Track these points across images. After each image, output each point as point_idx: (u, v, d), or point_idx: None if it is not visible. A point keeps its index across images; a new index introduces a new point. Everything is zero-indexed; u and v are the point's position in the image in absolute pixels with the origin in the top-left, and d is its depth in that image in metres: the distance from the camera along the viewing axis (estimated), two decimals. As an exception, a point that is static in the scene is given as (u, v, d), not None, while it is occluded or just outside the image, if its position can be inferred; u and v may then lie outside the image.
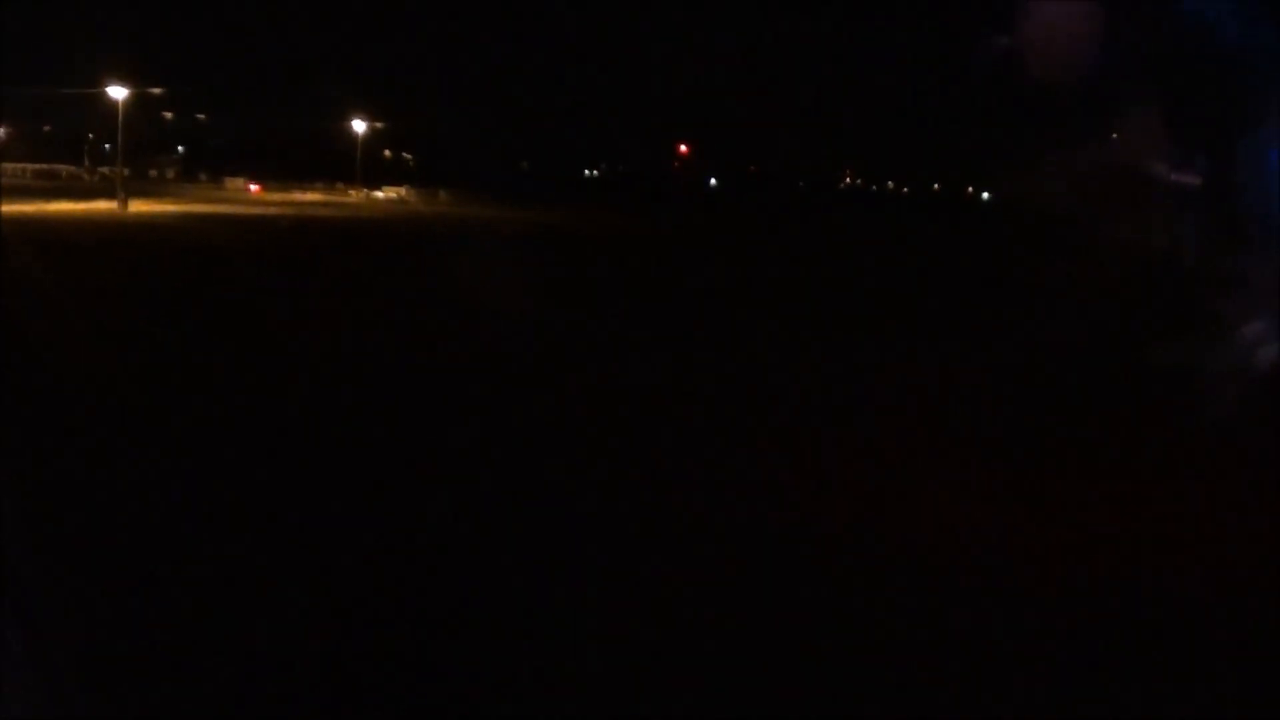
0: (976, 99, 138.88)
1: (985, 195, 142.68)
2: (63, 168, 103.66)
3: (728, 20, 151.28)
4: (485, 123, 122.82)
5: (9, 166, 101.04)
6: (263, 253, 42.36)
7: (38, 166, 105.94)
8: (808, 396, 17.39)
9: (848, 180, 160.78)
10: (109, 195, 70.30)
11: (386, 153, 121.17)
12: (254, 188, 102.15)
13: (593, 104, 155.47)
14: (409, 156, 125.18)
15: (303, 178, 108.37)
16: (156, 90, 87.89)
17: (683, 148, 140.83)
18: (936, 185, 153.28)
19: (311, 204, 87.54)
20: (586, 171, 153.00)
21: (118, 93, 77.64)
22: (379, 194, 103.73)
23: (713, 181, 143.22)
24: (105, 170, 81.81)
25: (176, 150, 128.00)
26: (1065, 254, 38.53)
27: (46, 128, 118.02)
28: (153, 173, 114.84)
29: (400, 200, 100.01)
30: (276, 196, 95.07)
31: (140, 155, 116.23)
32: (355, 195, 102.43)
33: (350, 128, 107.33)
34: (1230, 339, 19.34)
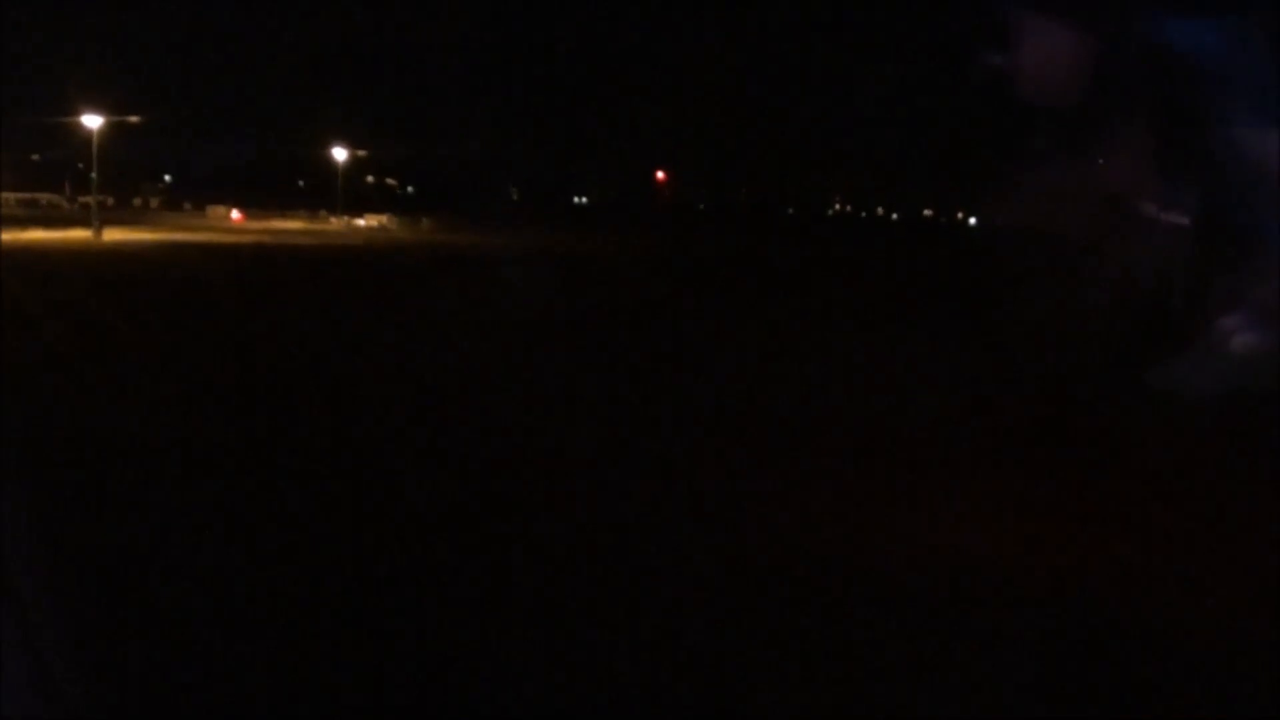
0: (966, 123, 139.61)
1: (972, 221, 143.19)
2: (44, 196, 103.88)
3: (717, 45, 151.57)
4: (472, 150, 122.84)
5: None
6: (208, 279, 42.49)
7: (20, 195, 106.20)
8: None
9: (837, 206, 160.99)
10: (87, 223, 70.51)
11: (369, 178, 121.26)
12: (236, 216, 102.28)
13: (581, 131, 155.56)
14: (392, 182, 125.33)
15: (286, 206, 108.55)
16: (134, 119, 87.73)
17: (660, 175, 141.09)
18: (928, 211, 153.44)
19: (290, 232, 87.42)
20: (576, 199, 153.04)
21: (92, 121, 77.94)
22: (360, 222, 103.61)
23: (700, 207, 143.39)
24: (85, 199, 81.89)
25: (162, 179, 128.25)
26: (1052, 279, 38.49)
27: (35, 157, 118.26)
28: (136, 201, 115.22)
29: (381, 228, 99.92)
30: (257, 225, 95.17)
31: (125, 184, 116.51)
32: (336, 223, 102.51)
33: (332, 155, 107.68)
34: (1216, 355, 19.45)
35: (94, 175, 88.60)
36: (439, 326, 29.18)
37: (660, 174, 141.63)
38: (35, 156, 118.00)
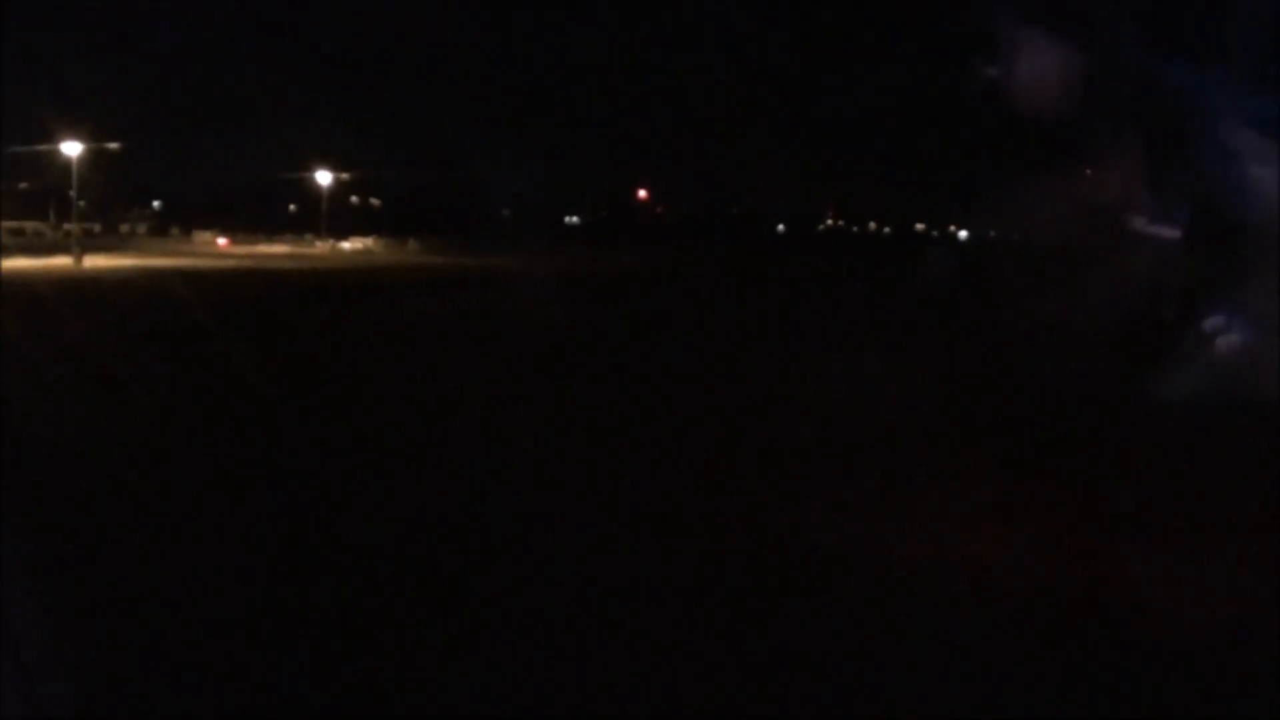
0: (958, 136, 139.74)
1: (963, 234, 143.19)
2: (29, 224, 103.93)
3: (706, 61, 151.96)
4: (460, 171, 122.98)
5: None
6: (177, 302, 42.90)
7: (7, 224, 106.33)
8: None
9: (830, 220, 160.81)
10: (70, 251, 70.87)
11: (354, 198, 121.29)
12: (222, 241, 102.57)
13: (571, 149, 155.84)
14: (376, 202, 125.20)
15: (272, 230, 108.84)
16: (114, 145, 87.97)
17: (642, 193, 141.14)
18: (920, 225, 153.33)
19: (273, 256, 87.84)
20: (567, 218, 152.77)
21: (71, 149, 78.34)
22: (345, 245, 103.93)
23: (691, 224, 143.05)
24: (69, 226, 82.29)
25: (150, 205, 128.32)
26: (1045, 290, 38.56)
27: (23, 185, 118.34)
28: (124, 228, 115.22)
29: (366, 251, 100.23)
30: (241, 249, 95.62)
31: (112, 211, 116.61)
32: (321, 247, 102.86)
33: (318, 179, 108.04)
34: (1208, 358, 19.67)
35: (82, 203, 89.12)
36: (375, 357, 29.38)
37: (642, 192, 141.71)
38: (23, 185, 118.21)
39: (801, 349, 29.30)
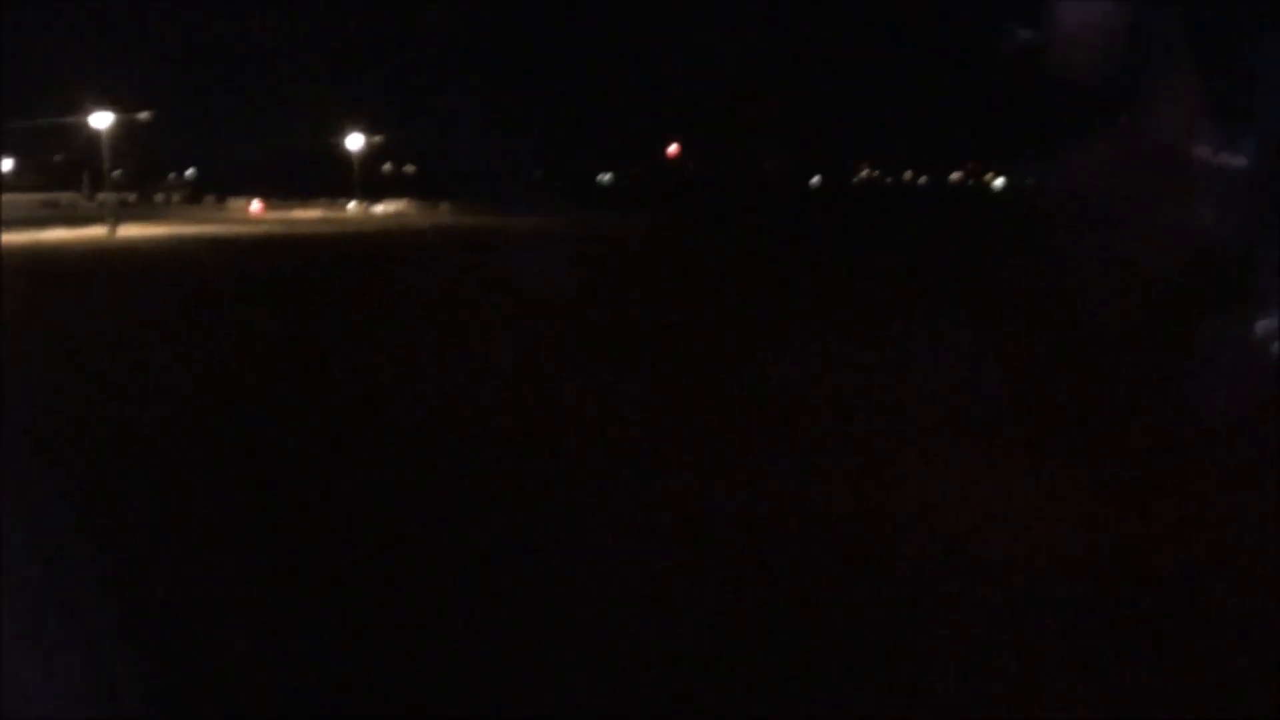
0: (996, 79, 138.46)
1: (999, 182, 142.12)
2: (64, 196, 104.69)
3: (737, 11, 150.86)
4: (490, 133, 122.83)
5: (12, 197, 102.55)
6: (196, 267, 43.65)
7: (42, 196, 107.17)
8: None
9: (865, 173, 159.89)
10: (104, 221, 71.47)
11: (387, 166, 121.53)
12: (256, 207, 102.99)
13: (602, 107, 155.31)
14: (411, 168, 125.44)
15: (306, 195, 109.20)
16: (145, 115, 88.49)
17: (673, 148, 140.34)
18: (956, 174, 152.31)
19: (306, 221, 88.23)
20: (600, 177, 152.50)
21: (101, 120, 78.84)
22: (378, 208, 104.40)
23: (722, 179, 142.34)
24: (102, 196, 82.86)
25: (184, 174, 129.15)
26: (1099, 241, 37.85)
27: (57, 157, 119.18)
28: (158, 197, 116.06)
29: (399, 214, 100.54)
30: (275, 215, 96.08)
31: (147, 180, 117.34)
32: (354, 210, 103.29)
33: (349, 144, 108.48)
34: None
35: (116, 173, 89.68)
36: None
37: (673, 147, 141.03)
38: (58, 157, 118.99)
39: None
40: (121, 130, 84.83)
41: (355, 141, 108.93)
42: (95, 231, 67.04)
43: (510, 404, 17.20)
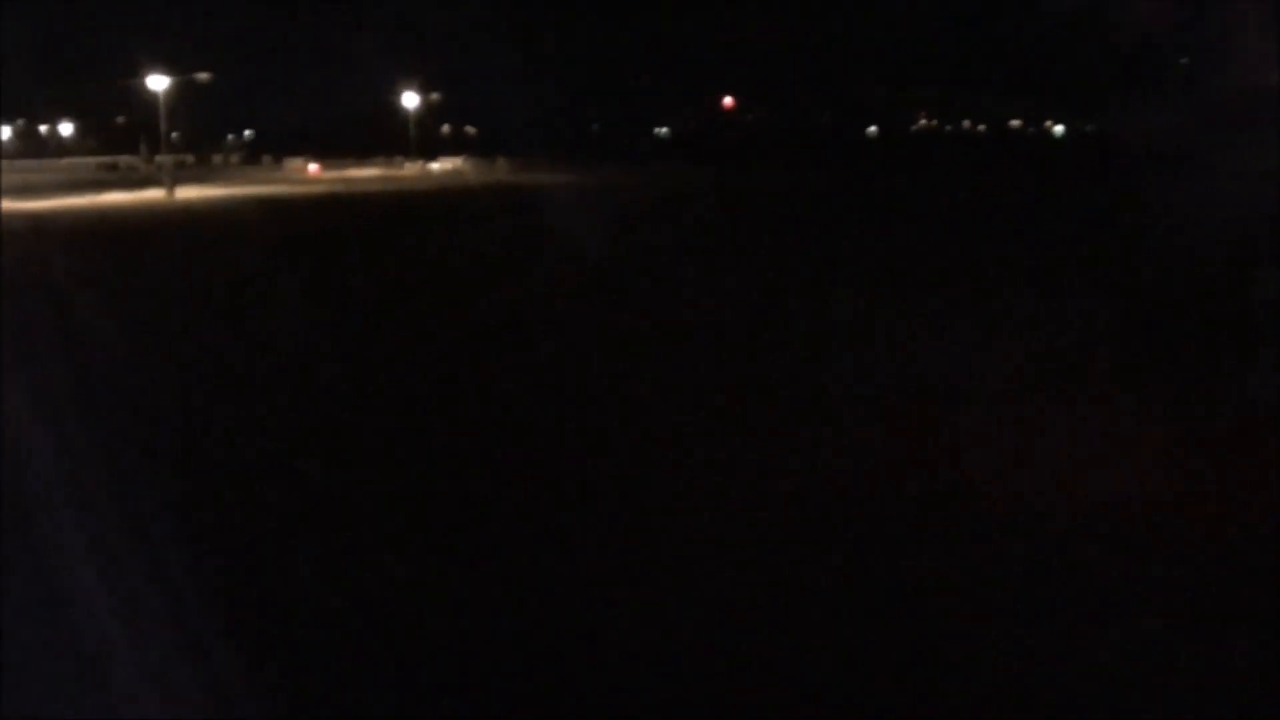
0: (1053, 28, 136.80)
1: (1058, 129, 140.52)
2: (123, 159, 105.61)
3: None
4: (547, 88, 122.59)
5: (72, 161, 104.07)
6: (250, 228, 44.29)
7: (101, 160, 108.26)
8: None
9: (923, 121, 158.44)
10: (162, 183, 71.90)
11: (446, 127, 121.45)
12: (313, 167, 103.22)
13: (659, 59, 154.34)
14: (472, 130, 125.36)
15: (363, 154, 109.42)
16: (204, 76, 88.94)
17: (727, 100, 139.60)
18: (1015, 121, 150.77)
19: (362, 180, 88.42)
20: (657, 130, 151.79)
21: (159, 83, 79.18)
22: (434, 166, 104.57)
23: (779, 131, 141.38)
24: (161, 159, 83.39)
25: (242, 135, 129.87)
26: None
27: (119, 119, 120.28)
28: (217, 158, 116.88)
29: (456, 171, 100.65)
30: (331, 174, 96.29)
31: (206, 141, 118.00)
32: (410, 169, 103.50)
33: (405, 102, 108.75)
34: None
35: (174, 135, 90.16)
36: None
37: (728, 99, 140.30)
38: (120, 119, 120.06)
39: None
40: (180, 92, 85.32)
41: (411, 100, 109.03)
42: (153, 194, 67.39)
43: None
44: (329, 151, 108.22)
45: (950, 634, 7.88)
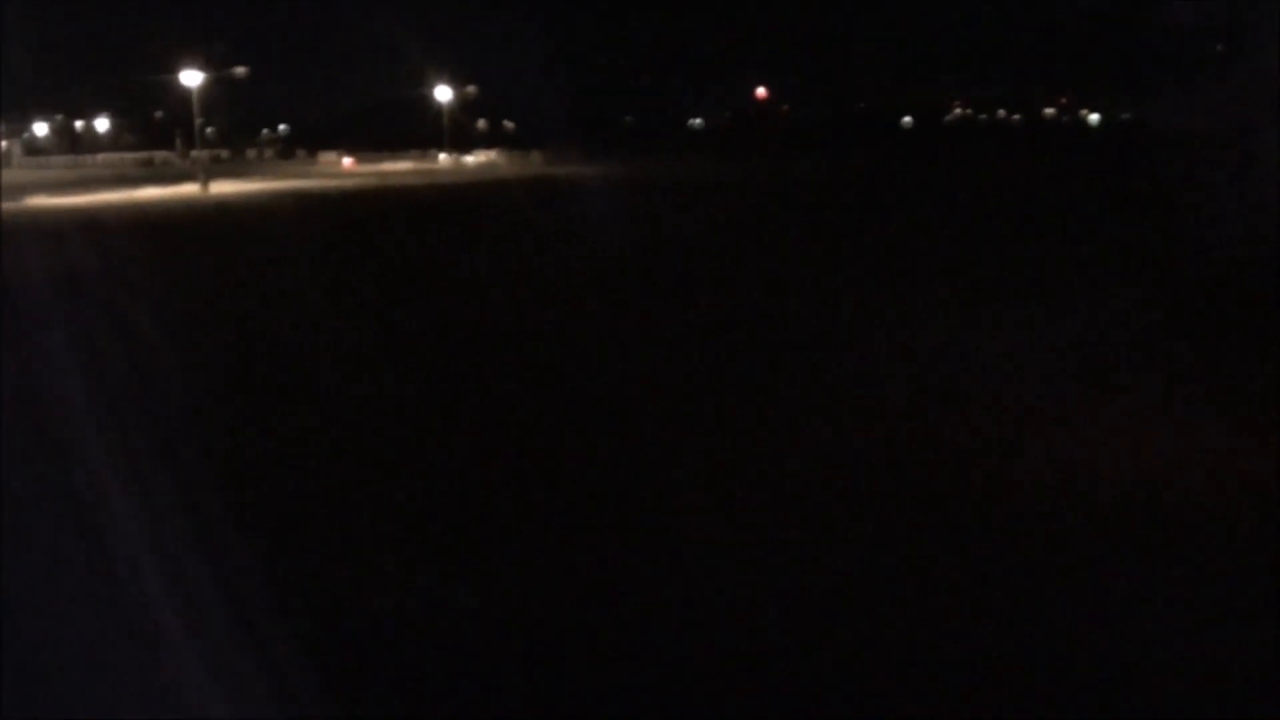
0: (1087, 18, 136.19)
1: (1094, 118, 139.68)
2: (159, 154, 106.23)
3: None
4: (581, 81, 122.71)
5: (109, 157, 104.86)
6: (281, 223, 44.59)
7: (137, 155, 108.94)
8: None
9: (957, 110, 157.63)
10: (196, 179, 72.31)
11: (482, 122, 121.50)
12: (347, 161, 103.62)
13: (693, 52, 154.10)
14: (510, 124, 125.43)
15: (397, 148, 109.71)
16: (240, 71, 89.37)
17: (761, 91, 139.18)
18: (1050, 110, 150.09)
19: (396, 173, 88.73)
20: (691, 122, 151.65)
21: (193, 78, 79.54)
22: (469, 159, 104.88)
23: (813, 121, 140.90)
24: (196, 154, 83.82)
25: (277, 129, 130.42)
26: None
27: (158, 114, 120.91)
28: (251, 153, 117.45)
29: (490, 164, 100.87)
30: (366, 168, 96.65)
31: (241, 136, 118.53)
32: (445, 162, 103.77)
33: (439, 95, 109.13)
34: None
35: (210, 130, 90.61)
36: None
37: (761, 90, 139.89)
38: (158, 114, 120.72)
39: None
40: (215, 87, 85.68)
41: (445, 93, 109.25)
42: (188, 189, 67.69)
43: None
44: (364, 145, 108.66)
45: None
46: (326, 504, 10.61)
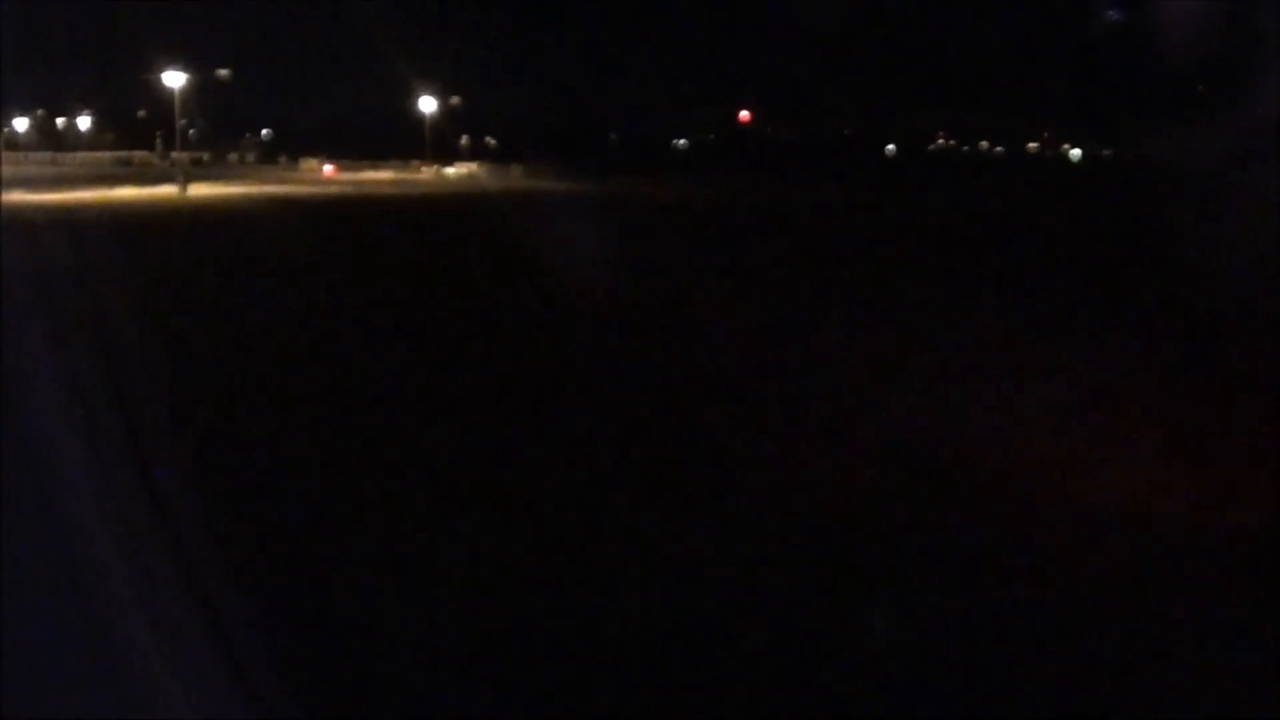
0: (1070, 53, 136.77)
1: (1075, 152, 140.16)
2: (138, 154, 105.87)
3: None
4: (565, 97, 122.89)
5: (88, 156, 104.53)
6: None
7: (116, 154, 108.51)
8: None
9: (940, 141, 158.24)
10: (176, 180, 72.18)
11: (465, 139, 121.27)
12: (328, 168, 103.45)
13: (679, 71, 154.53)
14: (492, 141, 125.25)
15: (379, 156, 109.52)
16: (224, 73, 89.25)
17: (744, 114, 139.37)
18: (1033, 144, 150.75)
19: (376, 182, 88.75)
20: (676, 141, 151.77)
21: (175, 79, 79.41)
22: (450, 170, 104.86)
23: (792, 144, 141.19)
24: (176, 155, 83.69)
25: (259, 133, 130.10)
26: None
27: (140, 113, 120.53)
28: (232, 156, 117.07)
29: (471, 176, 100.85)
30: (346, 176, 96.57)
31: (224, 139, 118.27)
32: (426, 172, 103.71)
33: (422, 106, 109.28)
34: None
35: (192, 132, 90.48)
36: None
37: (744, 113, 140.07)
38: (141, 113, 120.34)
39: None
40: (199, 89, 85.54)
41: (428, 104, 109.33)
42: (166, 190, 67.51)
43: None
44: (346, 153, 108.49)
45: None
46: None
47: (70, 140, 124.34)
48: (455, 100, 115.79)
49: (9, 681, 6.74)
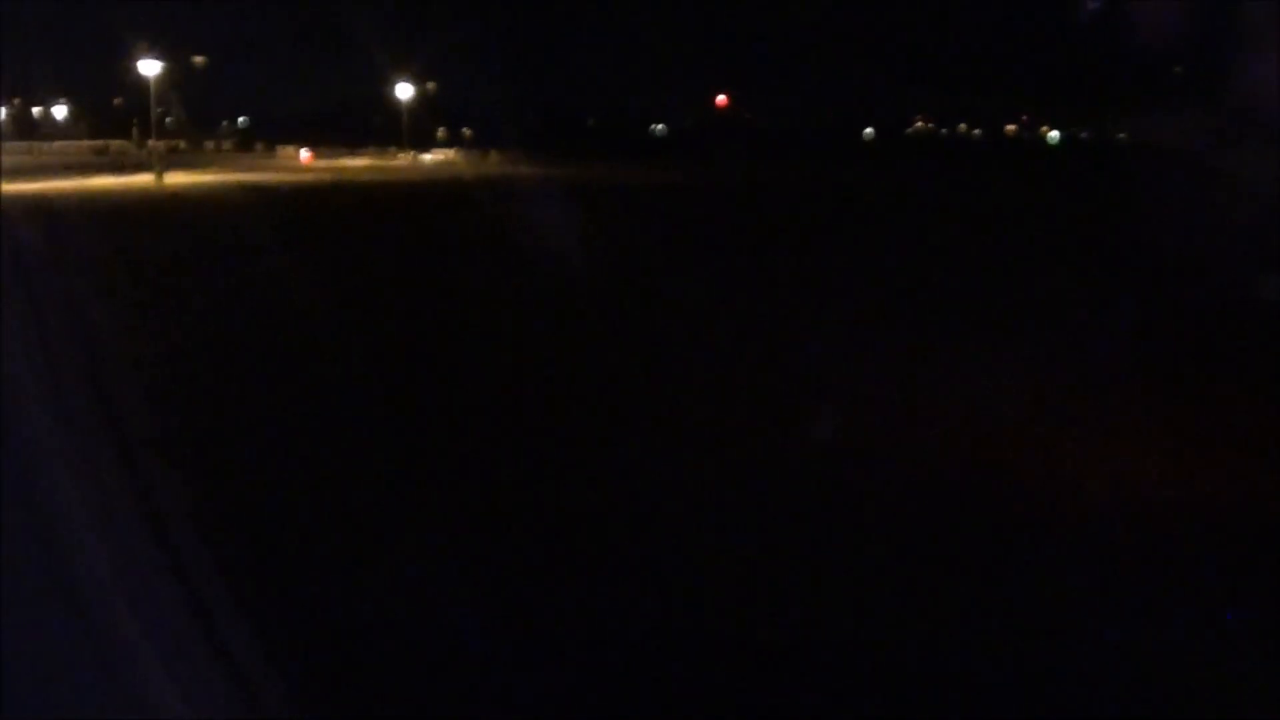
0: (1050, 36, 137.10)
1: (1053, 134, 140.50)
2: (114, 143, 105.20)
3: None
4: (543, 84, 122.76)
5: (64, 145, 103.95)
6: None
7: (92, 143, 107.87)
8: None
9: (919, 124, 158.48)
10: (152, 169, 71.99)
11: (442, 131, 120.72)
12: (305, 155, 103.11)
13: (656, 56, 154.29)
14: (468, 132, 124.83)
15: (356, 144, 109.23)
16: (199, 60, 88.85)
17: (721, 99, 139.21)
18: (1011, 126, 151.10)
19: (353, 169, 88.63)
20: (653, 127, 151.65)
21: (150, 67, 79.05)
22: (427, 157, 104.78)
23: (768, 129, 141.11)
24: (152, 144, 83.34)
25: (236, 121, 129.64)
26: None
27: (117, 101, 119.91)
28: (209, 144, 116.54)
29: (448, 163, 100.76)
30: (324, 163, 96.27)
31: (201, 127, 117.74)
32: (402, 159, 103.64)
33: (399, 93, 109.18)
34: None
35: (168, 120, 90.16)
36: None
37: (721, 98, 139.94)
38: (117, 101, 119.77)
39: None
40: (175, 77, 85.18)
41: (405, 91, 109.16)
42: (142, 179, 67.39)
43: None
44: (323, 140, 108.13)
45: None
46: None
47: (46, 129, 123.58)
48: (432, 87, 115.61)
49: (9, 682, 6.80)
